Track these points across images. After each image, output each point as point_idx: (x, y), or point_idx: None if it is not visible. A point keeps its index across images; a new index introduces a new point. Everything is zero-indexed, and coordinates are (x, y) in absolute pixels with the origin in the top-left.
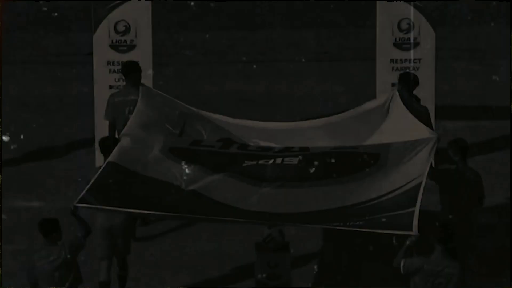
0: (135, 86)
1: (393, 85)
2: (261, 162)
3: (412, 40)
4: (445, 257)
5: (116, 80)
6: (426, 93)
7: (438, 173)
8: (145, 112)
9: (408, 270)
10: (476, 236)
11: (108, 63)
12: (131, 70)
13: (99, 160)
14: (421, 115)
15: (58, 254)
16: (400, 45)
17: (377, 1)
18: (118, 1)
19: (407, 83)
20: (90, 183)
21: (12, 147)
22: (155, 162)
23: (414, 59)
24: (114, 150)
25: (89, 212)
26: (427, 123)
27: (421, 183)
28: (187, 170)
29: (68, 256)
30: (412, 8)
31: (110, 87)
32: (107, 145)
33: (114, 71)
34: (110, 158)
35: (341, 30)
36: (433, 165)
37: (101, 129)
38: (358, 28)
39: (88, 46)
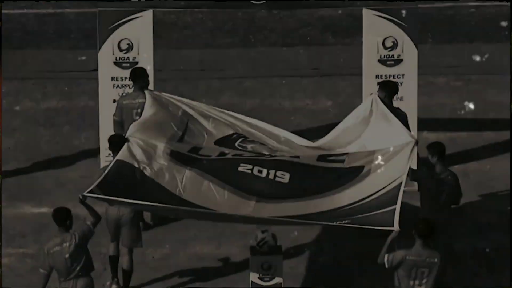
0: (142, 90)
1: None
2: (255, 171)
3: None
4: (425, 248)
5: (120, 94)
6: (409, 106)
7: (418, 174)
8: (150, 115)
9: (392, 264)
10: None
11: (112, 78)
12: (139, 76)
13: (104, 163)
14: (400, 119)
15: (70, 241)
16: (385, 61)
17: (363, 22)
18: (122, 21)
19: (387, 90)
20: (100, 178)
21: (23, 157)
22: (157, 163)
23: (397, 75)
24: (122, 149)
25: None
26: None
27: (401, 183)
28: (185, 176)
29: (78, 242)
30: (396, 27)
31: (114, 101)
32: (115, 141)
33: (117, 86)
34: (118, 157)
35: (330, 48)
36: (413, 167)
37: (106, 140)
38: (346, 46)
39: (93, 63)
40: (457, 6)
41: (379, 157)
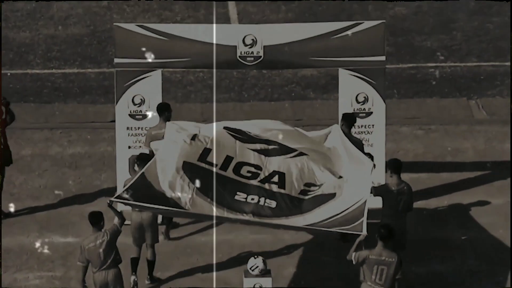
0: (166, 122)
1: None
2: (249, 199)
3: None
4: (385, 249)
5: (134, 142)
6: (377, 152)
7: (379, 189)
8: (169, 137)
9: (357, 261)
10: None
11: (127, 128)
12: (164, 110)
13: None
14: (357, 145)
15: (102, 238)
16: (358, 114)
17: (339, 80)
18: (136, 79)
19: (347, 121)
20: (127, 186)
21: (52, 195)
22: (170, 183)
23: (368, 125)
24: (148, 164)
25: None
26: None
27: (366, 201)
28: (192, 197)
29: (109, 239)
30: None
31: (129, 147)
32: (142, 158)
33: (132, 135)
34: (143, 170)
35: (311, 102)
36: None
37: (122, 180)
38: (324, 100)
39: (111, 115)
40: (418, 67)
41: (346, 181)
